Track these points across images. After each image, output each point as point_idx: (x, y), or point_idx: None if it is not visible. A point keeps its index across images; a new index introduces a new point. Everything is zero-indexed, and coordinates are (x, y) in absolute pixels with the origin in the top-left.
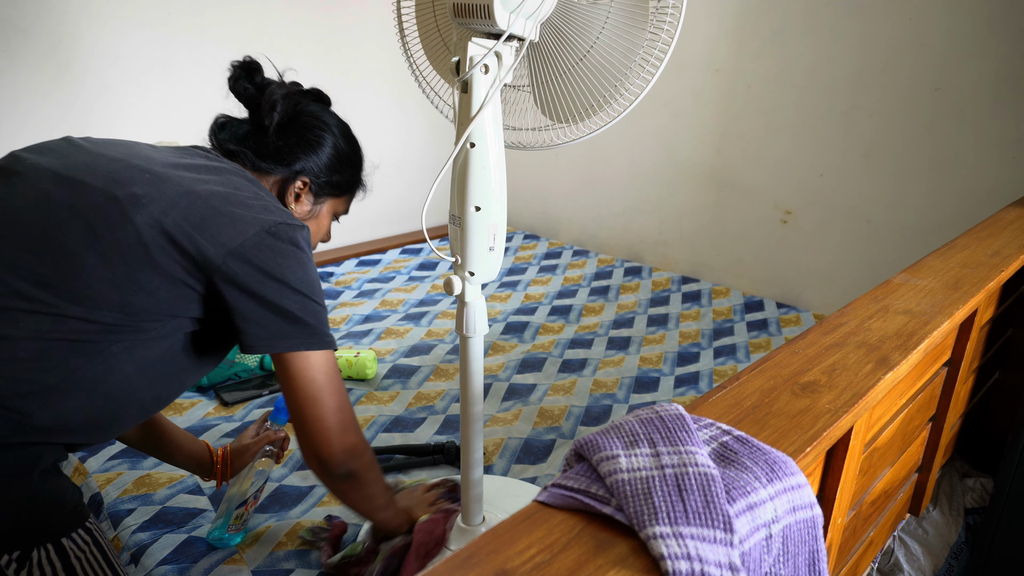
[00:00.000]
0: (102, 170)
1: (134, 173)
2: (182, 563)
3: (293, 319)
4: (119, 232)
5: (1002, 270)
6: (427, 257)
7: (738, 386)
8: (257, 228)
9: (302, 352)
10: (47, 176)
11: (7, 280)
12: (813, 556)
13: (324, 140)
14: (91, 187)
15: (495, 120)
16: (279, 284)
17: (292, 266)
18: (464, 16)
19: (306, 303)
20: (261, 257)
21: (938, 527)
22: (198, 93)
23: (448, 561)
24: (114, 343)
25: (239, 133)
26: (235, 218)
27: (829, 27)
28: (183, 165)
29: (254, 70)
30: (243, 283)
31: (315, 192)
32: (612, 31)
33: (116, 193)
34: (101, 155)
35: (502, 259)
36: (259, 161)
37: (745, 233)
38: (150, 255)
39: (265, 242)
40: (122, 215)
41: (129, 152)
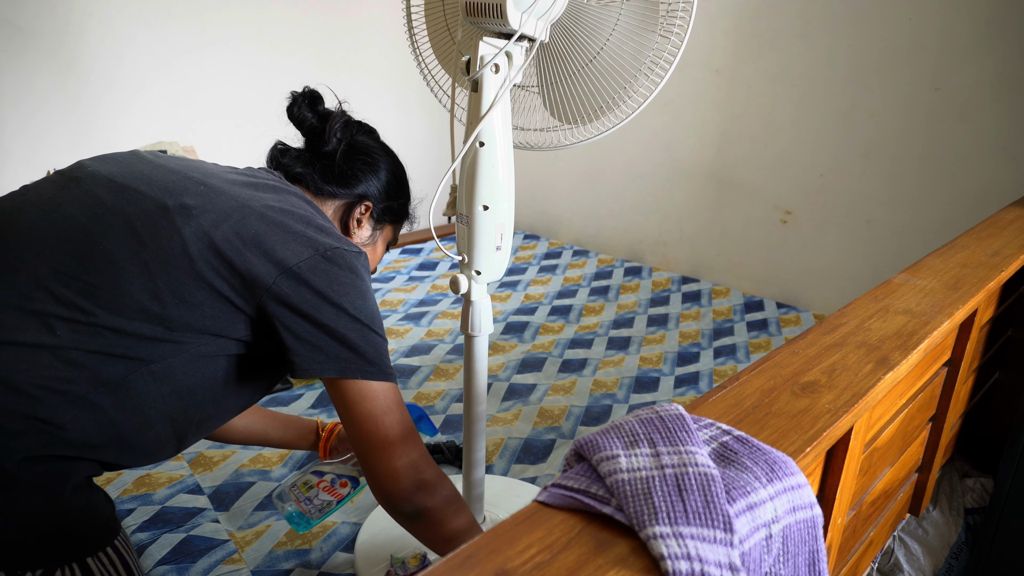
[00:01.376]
0: (158, 180)
1: (188, 184)
2: (181, 563)
3: (351, 346)
4: (164, 241)
5: (1002, 270)
6: (427, 257)
7: (738, 386)
8: (313, 251)
9: (361, 382)
10: (103, 183)
11: (48, 284)
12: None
13: (381, 166)
14: (143, 195)
15: (504, 120)
16: (336, 310)
17: (350, 293)
18: (476, 15)
19: (365, 332)
20: (317, 280)
21: (938, 527)
22: (200, 93)
23: (448, 561)
24: (152, 360)
25: (303, 158)
26: (291, 237)
27: (829, 27)
28: (243, 182)
29: (316, 99)
30: (296, 304)
31: (376, 218)
32: (622, 33)
33: (166, 202)
34: (161, 166)
35: (509, 259)
36: (325, 185)
37: (745, 233)
38: (195, 267)
39: (321, 266)
40: (169, 224)
41: (190, 166)
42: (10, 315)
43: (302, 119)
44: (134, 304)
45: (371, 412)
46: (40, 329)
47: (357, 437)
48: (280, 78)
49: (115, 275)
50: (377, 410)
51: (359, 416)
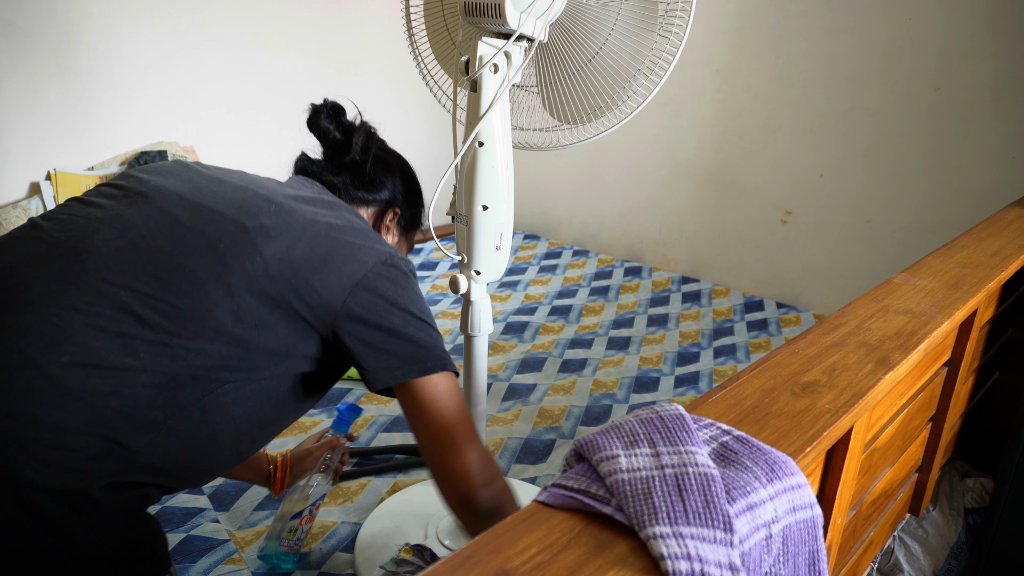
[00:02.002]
0: (231, 199)
1: (261, 203)
2: (181, 563)
3: (419, 344)
4: (248, 263)
5: (1002, 270)
6: (427, 257)
7: (738, 386)
8: (377, 259)
9: (429, 377)
10: (174, 200)
11: (131, 306)
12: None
13: (399, 173)
14: (221, 215)
15: (503, 120)
16: (404, 313)
17: (412, 295)
18: (475, 15)
19: (429, 330)
20: (384, 287)
21: (938, 527)
22: (199, 92)
23: (448, 561)
24: (227, 382)
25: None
26: (356, 250)
27: (829, 27)
28: (301, 198)
29: (340, 112)
30: (368, 316)
31: (401, 225)
32: (621, 33)
33: (246, 223)
34: (225, 182)
35: (508, 259)
36: (356, 192)
37: (745, 233)
38: (276, 288)
39: (386, 272)
40: (251, 246)
41: (251, 182)
42: (94, 336)
43: (326, 131)
44: (217, 326)
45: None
46: (124, 351)
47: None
48: (280, 77)
49: (199, 297)
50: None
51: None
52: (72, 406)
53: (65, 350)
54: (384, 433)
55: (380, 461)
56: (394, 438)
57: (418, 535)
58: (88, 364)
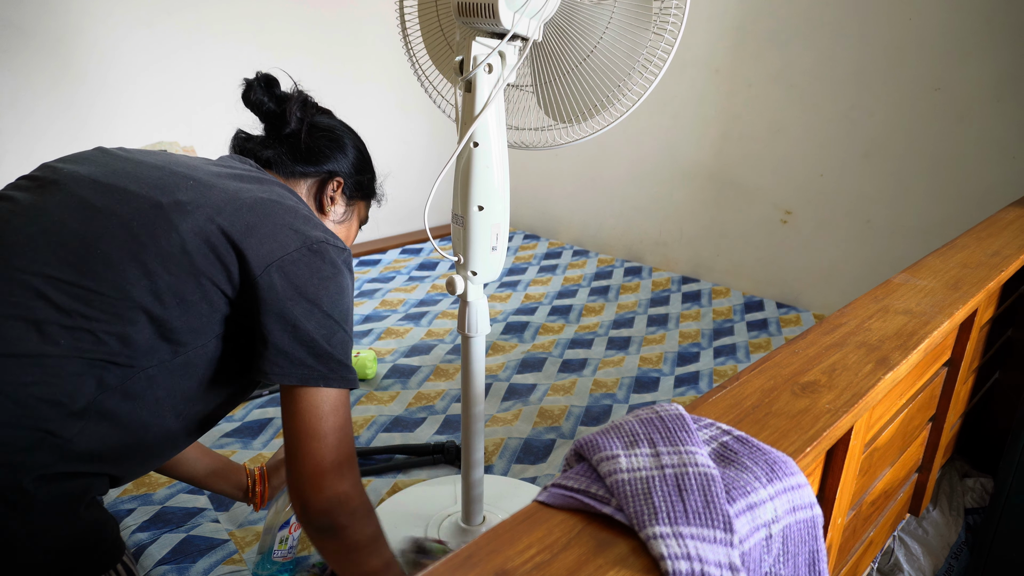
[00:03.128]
0: (144, 177)
1: (177, 180)
2: (181, 563)
3: (315, 350)
4: (163, 240)
5: (1002, 270)
6: (427, 257)
7: (738, 386)
8: (299, 243)
9: (315, 389)
10: (86, 184)
11: (46, 293)
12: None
13: (346, 141)
14: (134, 194)
15: (498, 119)
16: (310, 305)
17: (329, 288)
18: (468, 15)
19: (334, 331)
20: (298, 273)
21: (938, 527)
22: (197, 91)
23: (448, 561)
24: (149, 365)
25: (266, 143)
26: (279, 229)
27: (829, 27)
28: (227, 174)
29: (272, 83)
30: (275, 299)
31: (348, 194)
32: (615, 31)
33: (160, 200)
34: (141, 162)
35: (504, 259)
36: (295, 165)
37: (745, 233)
38: (194, 265)
39: (306, 259)
40: (167, 222)
41: (169, 160)
42: (9, 326)
43: (259, 103)
44: (136, 307)
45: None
46: (41, 339)
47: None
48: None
49: (115, 278)
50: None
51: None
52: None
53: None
54: (384, 433)
55: (380, 461)
56: (394, 438)
57: (418, 535)
58: (6, 354)
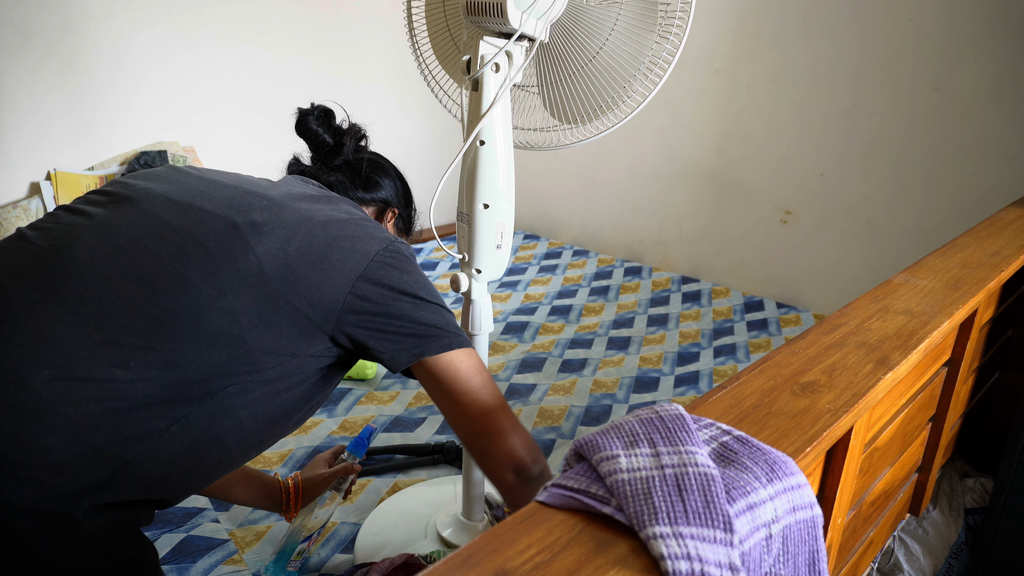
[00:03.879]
0: (219, 196)
1: (251, 199)
2: (181, 563)
3: (432, 325)
4: (240, 261)
5: (1002, 270)
6: (428, 256)
7: (738, 386)
8: (378, 247)
9: (448, 355)
10: (160, 201)
11: (120, 313)
12: (813, 556)
13: (392, 172)
14: (209, 213)
15: (504, 119)
16: (411, 299)
17: (417, 279)
18: (476, 15)
19: (439, 311)
20: (389, 276)
21: (938, 527)
22: (200, 92)
23: (448, 561)
24: (228, 385)
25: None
26: (356, 241)
27: (829, 27)
28: (296, 195)
29: (330, 116)
30: (375, 308)
31: (398, 226)
32: (621, 33)
33: (236, 220)
34: (214, 182)
35: (509, 257)
36: (354, 191)
37: (745, 233)
38: (271, 286)
39: (389, 260)
40: (243, 243)
41: (241, 180)
42: (78, 347)
43: (315, 134)
44: (212, 328)
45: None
46: (112, 361)
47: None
48: (280, 77)
49: (191, 299)
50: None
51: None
52: (54, 421)
53: (47, 362)
54: (384, 433)
55: (380, 461)
56: (394, 438)
57: (417, 535)
58: (71, 377)
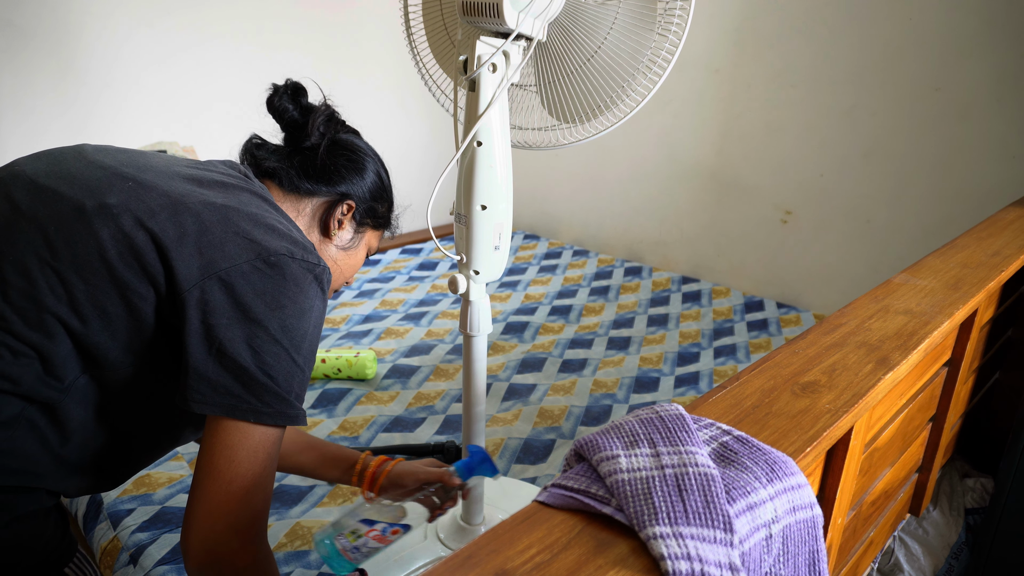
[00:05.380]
0: (84, 178)
1: (115, 181)
2: (181, 563)
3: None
4: (79, 247)
5: (1002, 270)
6: (427, 257)
7: (738, 386)
8: (252, 254)
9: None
10: (24, 184)
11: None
12: (813, 556)
13: (367, 165)
14: (61, 196)
15: (502, 119)
16: (252, 326)
17: (284, 307)
18: (473, 14)
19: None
20: (244, 288)
21: (938, 527)
22: (198, 91)
23: (448, 561)
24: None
25: (280, 152)
26: (228, 238)
27: (829, 27)
28: (187, 176)
29: (300, 92)
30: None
31: (358, 219)
32: (620, 32)
33: (84, 203)
34: (94, 163)
35: (507, 258)
36: (303, 181)
37: (745, 233)
38: (114, 274)
39: (257, 272)
40: (85, 227)
41: (127, 160)
42: None
43: (283, 111)
44: (51, 319)
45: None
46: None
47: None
48: (280, 77)
49: (28, 288)
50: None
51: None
52: None
53: None
54: (384, 433)
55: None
56: (394, 438)
57: (417, 535)
58: None
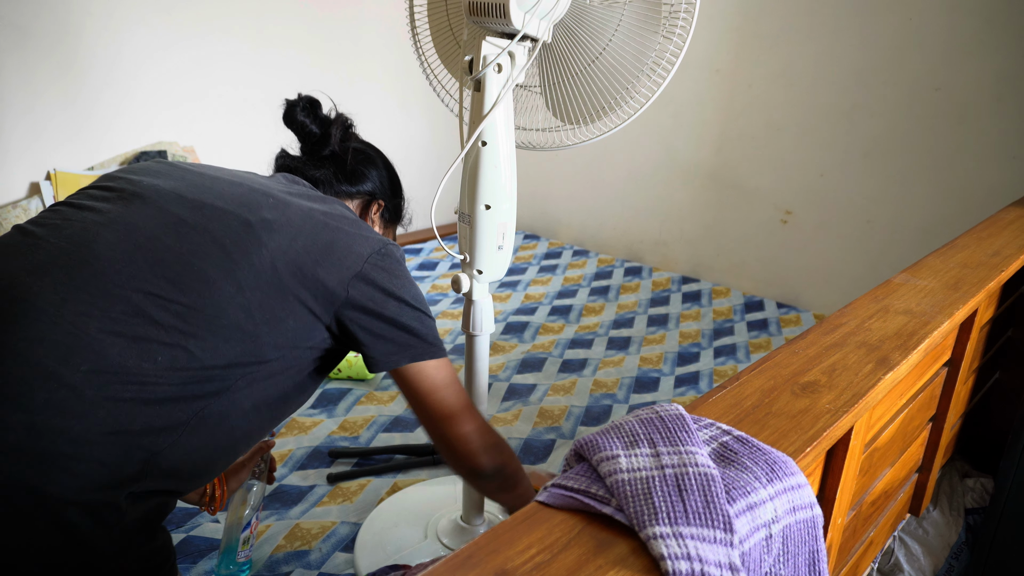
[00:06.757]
0: (228, 194)
1: (259, 197)
2: (182, 563)
3: (414, 332)
4: (255, 258)
5: (1002, 270)
6: (427, 257)
7: (738, 386)
8: (371, 249)
9: (424, 362)
10: (173, 199)
11: (146, 309)
12: (813, 556)
13: (379, 163)
14: (223, 211)
15: (507, 119)
16: (399, 302)
17: (406, 284)
18: (479, 15)
19: (422, 317)
20: (380, 277)
21: (938, 527)
22: (198, 91)
23: (448, 561)
24: (239, 378)
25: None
26: (352, 240)
27: (829, 27)
28: (294, 192)
29: (316, 106)
30: (368, 305)
31: (385, 217)
32: (624, 34)
33: (249, 218)
34: (218, 178)
35: (510, 258)
36: (341, 185)
37: (745, 233)
38: (282, 281)
39: (381, 262)
40: (256, 240)
41: (241, 177)
42: (111, 343)
43: (301, 124)
44: (230, 324)
45: (438, 389)
46: (142, 355)
47: (433, 419)
48: (281, 77)
49: (211, 295)
50: (442, 385)
51: (430, 398)
52: (95, 415)
53: (84, 358)
54: (384, 433)
55: (380, 461)
56: (394, 438)
57: (417, 535)
58: (107, 371)
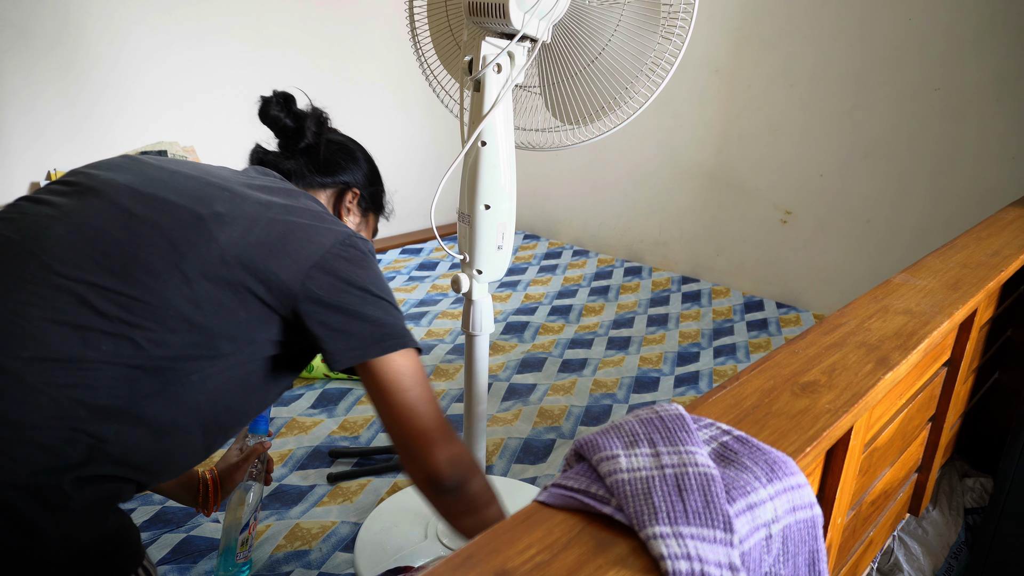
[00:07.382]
0: (182, 187)
1: (214, 191)
2: (182, 563)
3: (378, 323)
4: (203, 250)
5: (1002, 270)
6: (427, 257)
7: (738, 386)
8: (333, 240)
9: (389, 356)
10: (126, 192)
11: (89, 299)
12: (813, 556)
13: (357, 154)
14: (174, 204)
15: (506, 119)
16: (362, 292)
17: (370, 274)
18: (478, 15)
19: (388, 308)
20: (341, 267)
21: (938, 527)
22: (199, 91)
23: (448, 561)
24: (191, 372)
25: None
26: (312, 232)
27: (829, 27)
28: (255, 186)
29: (290, 101)
30: (326, 297)
31: (363, 206)
32: (624, 34)
33: (200, 211)
34: (176, 172)
35: (510, 258)
36: (314, 176)
37: (745, 233)
38: (232, 273)
39: (343, 252)
40: (206, 233)
41: (201, 170)
42: (54, 331)
43: (276, 119)
44: (176, 315)
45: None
46: (85, 344)
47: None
48: (281, 76)
49: (156, 286)
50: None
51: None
52: (36, 400)
53: (25, 345)
54: (384, 433)
55: (380, 461)
56: None
57: (417, 535)
58: (49, 358)
